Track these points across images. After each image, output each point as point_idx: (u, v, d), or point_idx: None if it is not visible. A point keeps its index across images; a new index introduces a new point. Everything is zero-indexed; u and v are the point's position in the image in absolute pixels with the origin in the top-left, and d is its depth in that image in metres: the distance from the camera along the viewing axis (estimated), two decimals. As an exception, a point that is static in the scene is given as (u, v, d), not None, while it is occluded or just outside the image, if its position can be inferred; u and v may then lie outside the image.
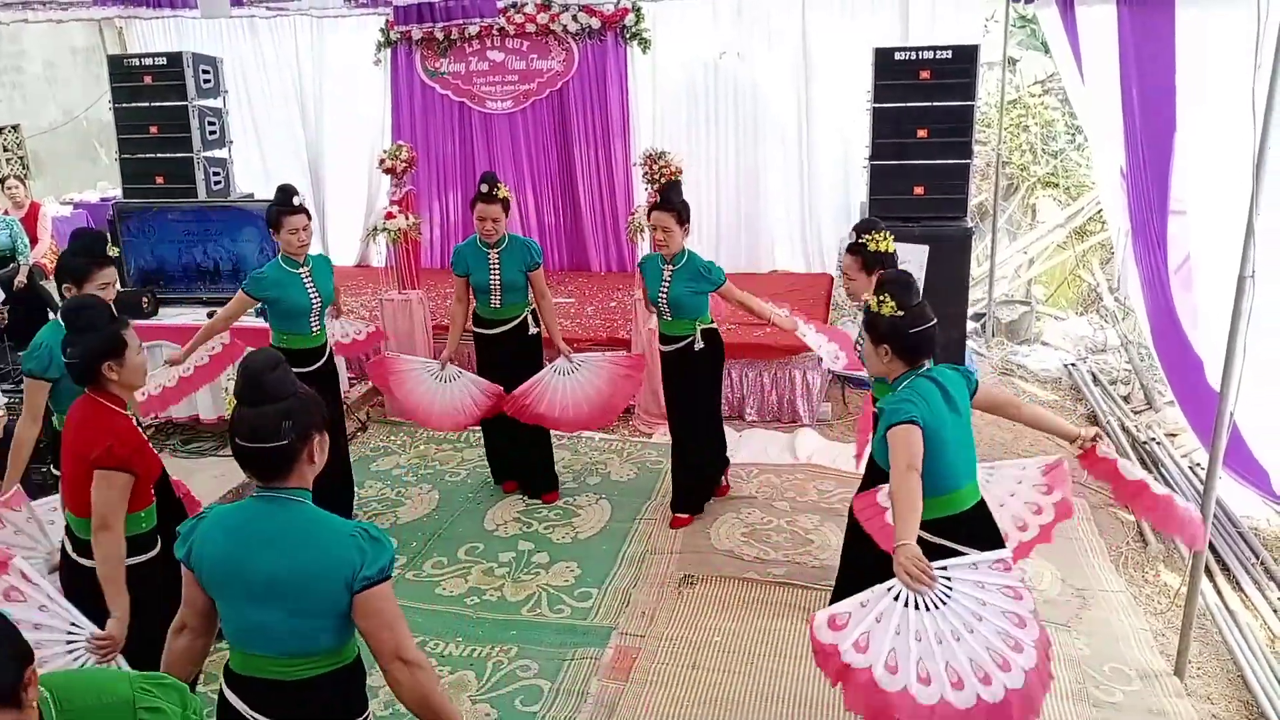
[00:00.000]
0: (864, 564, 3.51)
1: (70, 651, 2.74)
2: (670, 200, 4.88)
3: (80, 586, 3.08)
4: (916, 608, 2.61)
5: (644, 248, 6.34)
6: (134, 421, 3.17)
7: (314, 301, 4.90)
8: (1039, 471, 3.57)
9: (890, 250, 4.08)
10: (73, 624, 2.79)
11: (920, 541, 2.78)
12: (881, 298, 3.06)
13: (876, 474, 3.61)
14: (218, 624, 2.39)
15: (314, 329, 4.98)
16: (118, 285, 4.14)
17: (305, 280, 4.88)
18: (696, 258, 4.95)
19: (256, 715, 2.28)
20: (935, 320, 3.12)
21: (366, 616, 2.20)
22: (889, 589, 2.66)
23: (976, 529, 3.08)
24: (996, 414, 3.45)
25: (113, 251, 4.04)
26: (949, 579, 2.67)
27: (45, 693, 1.77)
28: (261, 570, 2.20)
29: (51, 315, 8.68)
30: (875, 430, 3.15)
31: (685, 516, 5.31)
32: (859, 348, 3.84)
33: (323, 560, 2.19)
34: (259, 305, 4.98)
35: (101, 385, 3.08)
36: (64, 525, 3.26)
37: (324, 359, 5.05)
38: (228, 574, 2.25)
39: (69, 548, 3.23)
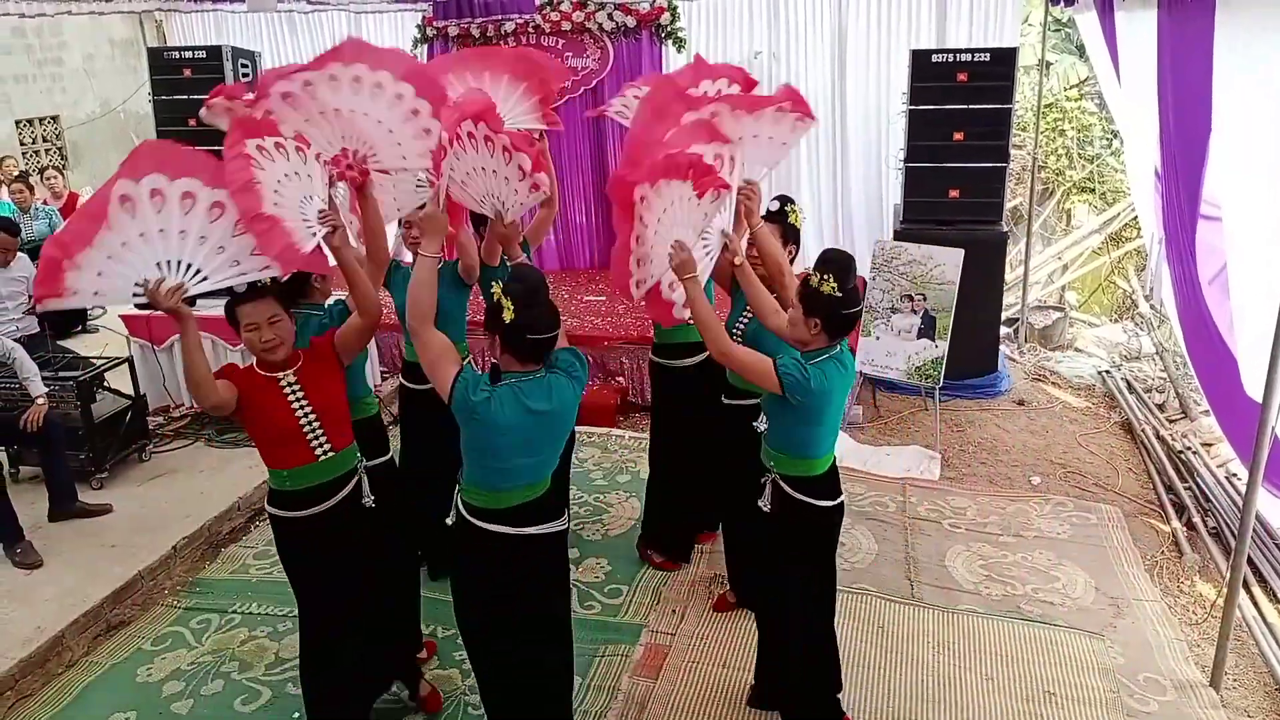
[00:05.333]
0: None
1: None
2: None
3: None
4: None
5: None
6: None
7: None
8: None
9: (799, 226, 4.06)
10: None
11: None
12: (824, 276, 3.11)
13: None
14: None
15: None
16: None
17: None
18: None
19: (503, 528, 3.02)
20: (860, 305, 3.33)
21: None
22: None
23: (826, 487, 3.40)
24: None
25: None
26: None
27: None
28: (545, 427, 2.97)
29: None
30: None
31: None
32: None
33: (573, 403, 3.05)
34: None
35: None
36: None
37: None
38: (525, 434, 2.94)
39: None
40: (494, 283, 2.97)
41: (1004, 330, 7.82)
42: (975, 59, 6.73)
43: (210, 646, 4.36)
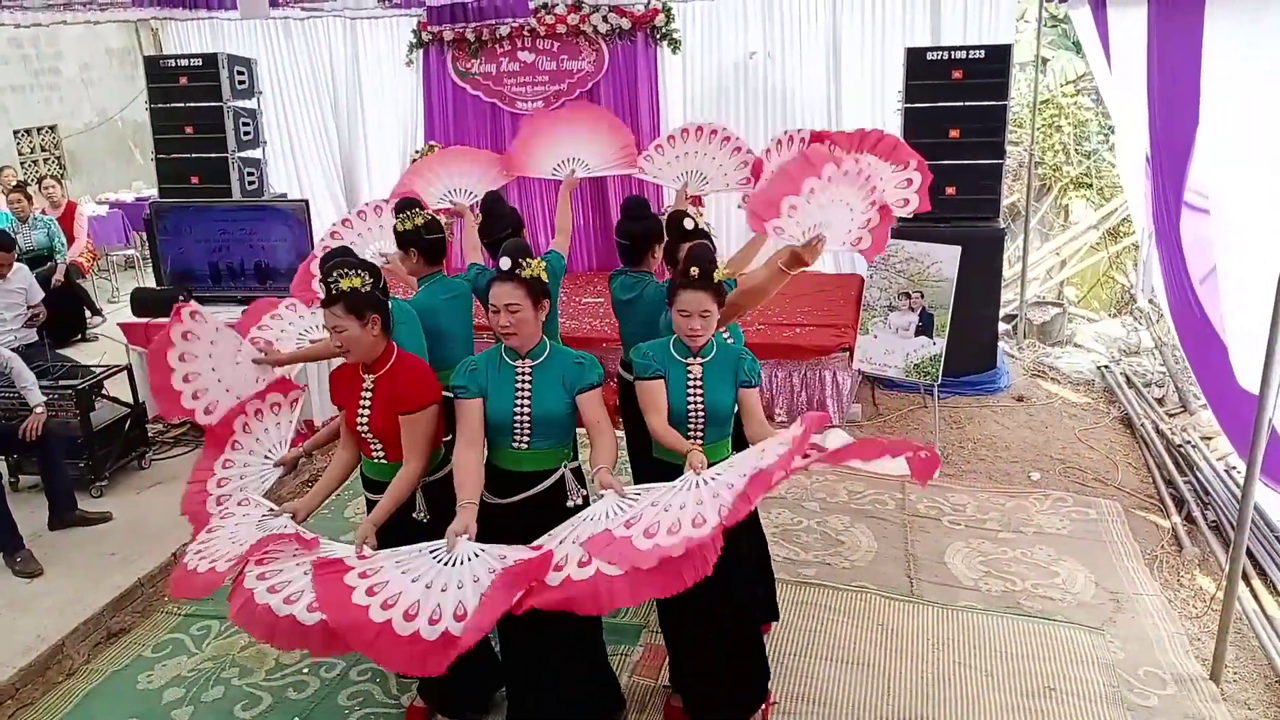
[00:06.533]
0: None
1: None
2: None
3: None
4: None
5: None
6: None
7: None
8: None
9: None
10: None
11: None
12: None
13: None
14: None
15: None
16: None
17: None
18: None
19: None
20: None
21: None
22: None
23: None
24: None
25: None
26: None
27: None
28: None
29: (88, 313, 8.87)
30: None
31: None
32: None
33: None
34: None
35: None
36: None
37: None
38: None
39: None
40: (523, 261, 3.14)
41: (1002, 327, 7.82)
42: (970, 56, 6.75)
43: (210, 653, 4.36)
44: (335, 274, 3.17)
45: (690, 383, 3.36)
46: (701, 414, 3.36)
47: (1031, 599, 4.53)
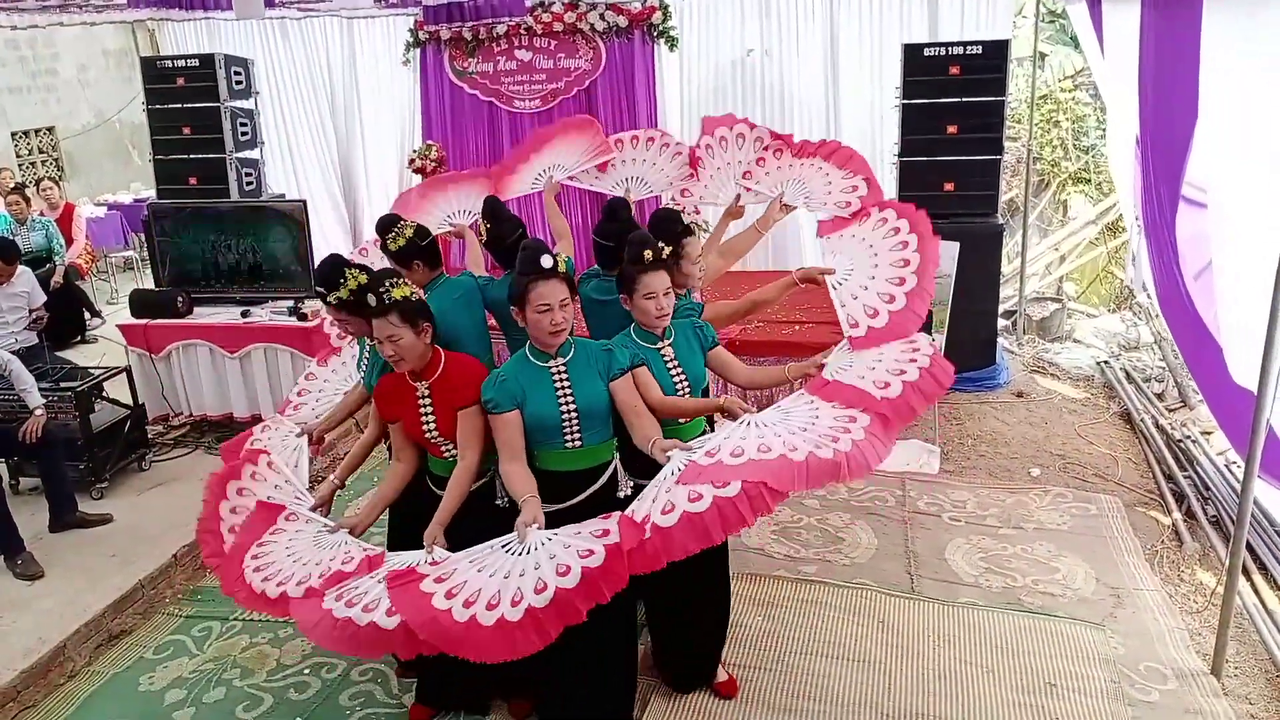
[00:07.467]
0: None
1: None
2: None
3: None
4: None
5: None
6: None
7: None
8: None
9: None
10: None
11: None
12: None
13: None
14: None
15: None
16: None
17: None
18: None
19: None
20: None
21: None
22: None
23: None
24: None
25: None
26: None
27: None
28: None
29: (87, 314, 8.87)
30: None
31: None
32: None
33: None
34: None
35: None
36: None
37: None
38: None
39: None
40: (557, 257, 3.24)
41: (1002, 323, 7.82)
42: (967, 52, 6.74)
43: (212, 654, 4.37)
44: (385, 283, 3.15)
45: (668, 364, 3.47)
46: (686, 390, 3.47)
47: (1032, 595, 4.53)
